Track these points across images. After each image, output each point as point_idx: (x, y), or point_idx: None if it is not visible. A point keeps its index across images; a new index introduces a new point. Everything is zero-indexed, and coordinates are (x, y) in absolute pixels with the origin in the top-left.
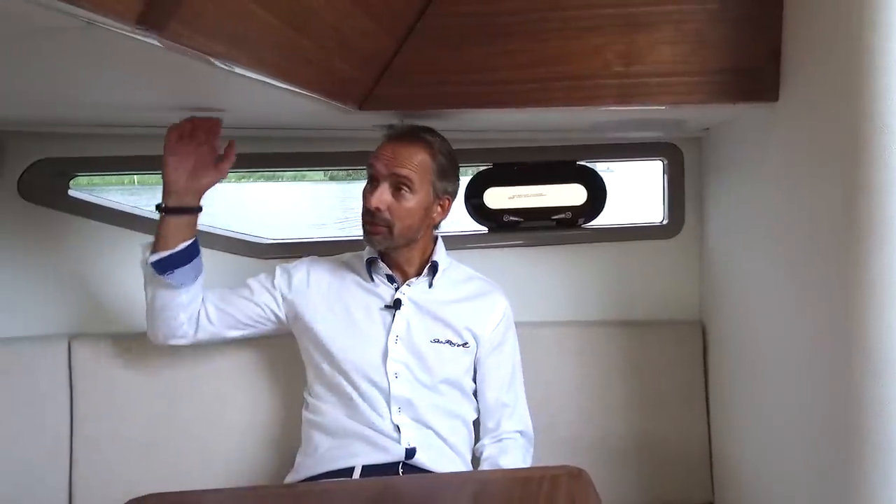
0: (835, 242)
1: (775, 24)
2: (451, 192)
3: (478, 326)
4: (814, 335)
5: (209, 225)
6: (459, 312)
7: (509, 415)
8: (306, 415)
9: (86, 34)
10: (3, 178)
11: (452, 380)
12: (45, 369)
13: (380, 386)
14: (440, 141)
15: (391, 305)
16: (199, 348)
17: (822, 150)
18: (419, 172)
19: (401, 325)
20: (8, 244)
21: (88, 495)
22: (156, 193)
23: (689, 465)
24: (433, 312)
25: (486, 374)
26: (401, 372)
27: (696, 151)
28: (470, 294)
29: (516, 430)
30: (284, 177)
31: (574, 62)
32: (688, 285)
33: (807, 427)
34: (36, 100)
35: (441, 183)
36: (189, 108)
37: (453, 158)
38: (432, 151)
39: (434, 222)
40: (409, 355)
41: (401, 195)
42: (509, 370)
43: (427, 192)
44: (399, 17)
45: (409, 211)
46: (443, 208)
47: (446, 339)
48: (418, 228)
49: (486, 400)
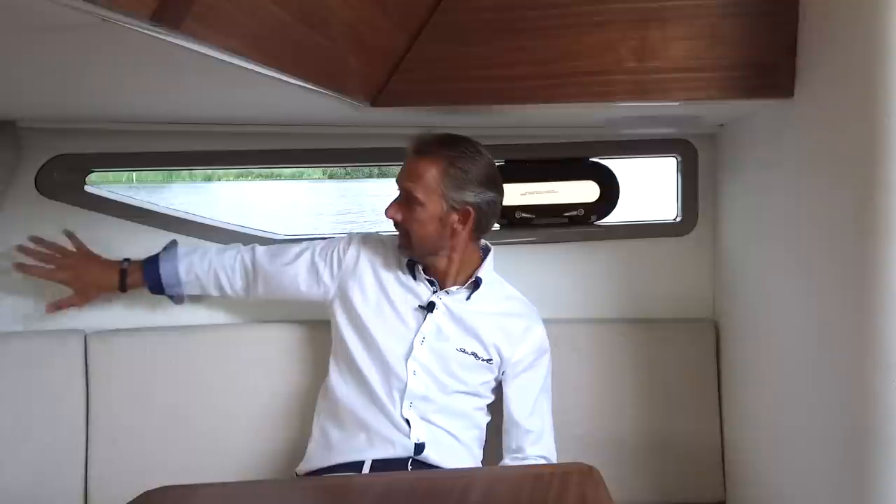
0: (850, 240)
1: (791, 20)
2: (473, 203)
3: (505, 347)
4: (828, 334)
5: (224, 221)
6: (491, 329)
7: (534, 441)
8: (321, 402)
9: (101, 31)
10: (20, 173)
11: (470, 391)
12: (61, 363)
13: (398, 378)
14: (459, 153)
15: (424, 307)
16: (210, 346)
17: (837, 147)
18: (425, 187)
19: (430, 328)
20: (25, 239)
21: (104, 488)
22: (162, 192)
23: (702, 464)
24: (465, 322)
25: (512, 396)
26: (419, 371)
27: (710, 148)
28: (506, 313)
29: (540, 455)
30: (283, 174)
31: (588, 58)
32: (701, 283)
33: (820, 426)
34: (52, 96)
35: (456, 193)
36: (202, 103)
37: (480, 169)
38: (443, 165)
39: (457, 233)
40: (431, 358)
41: (411, 208)
42: (533, 396)
43: (437, 204)
44: (412, 14)
45: (420, 222)
46: (463, 219)
47: (472, 350)
48: (437, 238)
49: (511, 420)
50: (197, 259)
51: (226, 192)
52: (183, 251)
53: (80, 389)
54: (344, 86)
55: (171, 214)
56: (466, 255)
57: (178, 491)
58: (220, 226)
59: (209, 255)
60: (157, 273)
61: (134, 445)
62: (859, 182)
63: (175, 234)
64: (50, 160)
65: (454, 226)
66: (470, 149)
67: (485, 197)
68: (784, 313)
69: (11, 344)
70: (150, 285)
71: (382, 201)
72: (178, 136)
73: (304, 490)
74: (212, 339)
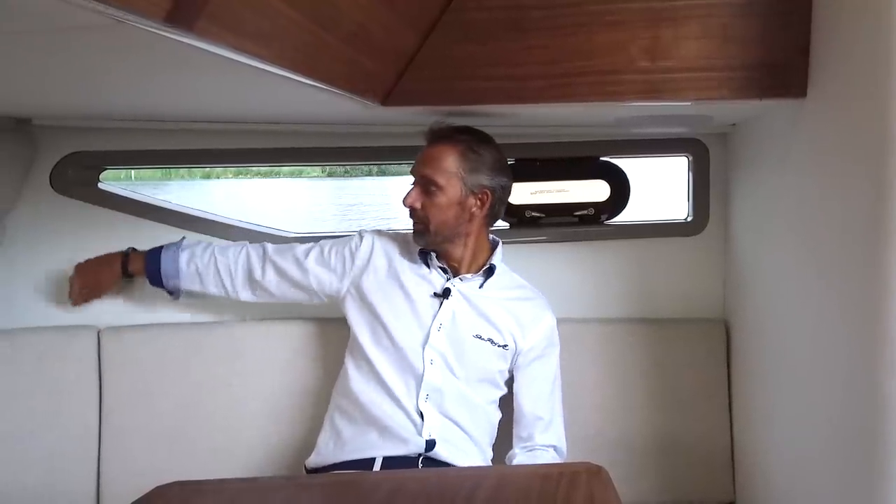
0: (862, 241)
1: (804, 19)
2: (489, 186)
3: (519, 332)
4: (839, 334)
5: (234, 218)
6: (506, 315)
7: (544, 428)
8: (335, 397)
9: (115, 32)
10: (35, 171)
11: (486, 377)
12: (74, 359)
13: (415, 369)
14: (474, 138)
15: (440, 294)
16: (222, 343)
17: (850, 148)
18: (445, 171)
19: (446, 315)
20: (40, 236)
21: (116, 483)
22: (161, 190)
23: (711, 465)
24: (480, 309)
25: (523, 385)
26: (436, 360)
27: (721, 147)
28: (520, 298)
29: (550, 444)
30: (282, 173)
31: (599, 57)
32: (711, 283)
33: (831, 427)
34: (67, 95)
35: (473, 177)
36: (214, 103)
37: (493, 154)
38: (461, 149)
39: (474, 217)
40: (448, 345)
41: (431, 193)
42: (548, 385)
43: (457, 187)
44: (422, 13)
45: (440, 207)
46: (481, 202)
47: (489, 336)
48: (455, 224)
49: (521, 409)
50: (199, 250)
51: (225, 189)
52: (188, 242)
53: (93, 384)
54: (355, 85)
55: (184, 212)
56: (480, 243)
57: (190, 486)
58: (233, 223)
59: (212, 247)
60: (158, 260)
61: (146, 440)
62: (871, 182)
63: (188, 231)
64: (64, 158)
65: (472, 210)
66: (482, 136)
67: (499, 181)
68: (795, 313)
69: (25, 339)
70: (150, 274)
71: (381, 199)
72: (191, 134)
73: (313, 487)
74: (223, 335)
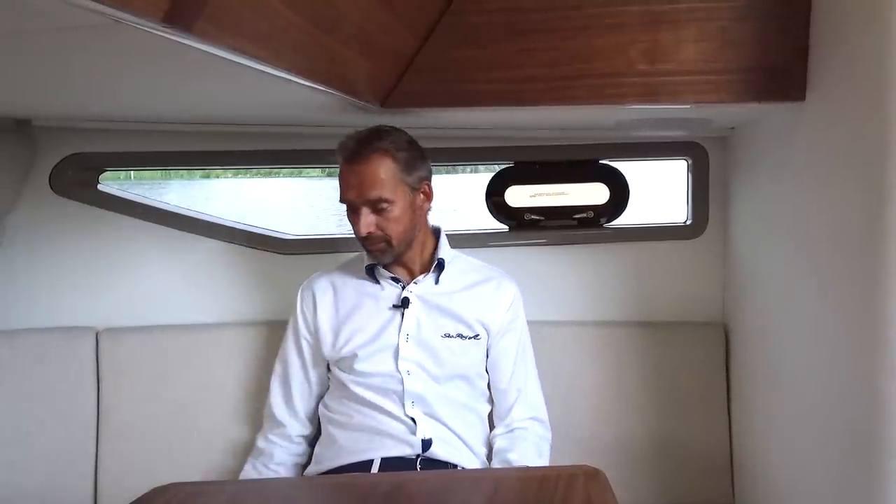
0: (861, 245)
1: (803, 22)
2: (425, 175)
3: (487, 315)
4: (838, 339)
5: (233, 220)
6: (468, 303)
7: (520, 400)
8: (322, 411)
9: (114, 32)
10: (35, 172)
11: (464, 374)
12: (72, 360)
13: (394, 385)
14: (393, 137)
15: (399, 305)
16: (220, 345)
17: (849, 151)
18: (387, 183)
19: (411, 324)
20: (39, 237)
21: (114, 485)
22: (160, 190)
23: (710, 469)
24: (442, 307)
25: (496, 361)
26: (412, 369)
27: (720, 151)
28: (477, 282)
29: (528, 416)
30: (281, 172)
31: (598, 60)
32: (711, 286)
33: (829, 431)
34: (66, 95)
35: (412, 175)
36: (214, 104)
37: (414, 146)
38: (390, 154)
39: (424, 212)
40: (420, 352)
41: (383, 210)
42: (517, 356)
43: (404, 192)
44: (422, 15)
45: (396, 220)
46: (426, 195)
47: (457, 332)
48: (413, 227)
49: (497, 385)
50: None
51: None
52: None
53: (92, 386)
54: (354, 87)
55: (184, 214)
56: (426, 235)
57: (187, 488)
58: (233, 226)
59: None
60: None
61: (144, 442)
62: (871, 186)
63: (188, 233)
64: (64, 159)
65: (422, 206)
66: (391, 131)
67: (427, 166)
68: (794, 317)
69: (24, 340)
70: None
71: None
72: (190, 137)
73: (312, 488)
74: (222, 337)
